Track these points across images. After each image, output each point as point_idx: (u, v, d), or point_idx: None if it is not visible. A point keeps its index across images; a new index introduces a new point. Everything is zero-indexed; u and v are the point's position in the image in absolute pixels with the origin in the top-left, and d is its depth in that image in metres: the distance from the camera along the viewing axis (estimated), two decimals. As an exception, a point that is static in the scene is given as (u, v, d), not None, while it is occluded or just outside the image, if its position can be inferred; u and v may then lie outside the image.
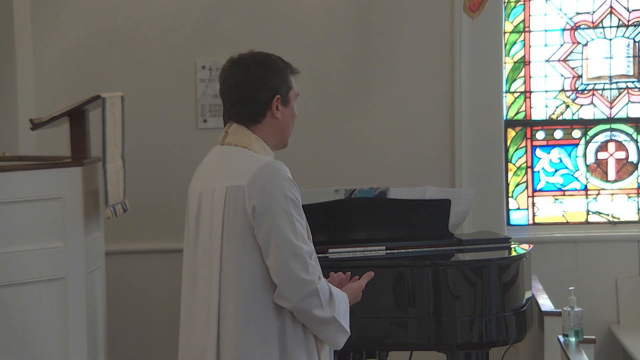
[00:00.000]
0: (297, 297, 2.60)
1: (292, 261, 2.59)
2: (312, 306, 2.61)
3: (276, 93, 2.74)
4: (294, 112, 2.81)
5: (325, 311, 2.64)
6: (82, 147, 4.17)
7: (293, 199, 2.64)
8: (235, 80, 2.74)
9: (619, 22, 5.66)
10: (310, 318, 2.64)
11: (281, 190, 2.62)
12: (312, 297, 2.61)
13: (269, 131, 2.76)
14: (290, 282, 2.59)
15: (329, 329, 2.69)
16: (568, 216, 5.72)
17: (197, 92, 5.50)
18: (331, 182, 4.97)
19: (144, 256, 5.52)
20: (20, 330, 3.93)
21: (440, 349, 4.09)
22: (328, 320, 2.66)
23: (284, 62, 2.80)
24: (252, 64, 2.74)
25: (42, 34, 5.49)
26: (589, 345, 4.08)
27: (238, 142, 2.73)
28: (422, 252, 4.17)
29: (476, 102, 5.50)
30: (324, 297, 2.63)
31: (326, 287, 2.67)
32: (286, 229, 2.60)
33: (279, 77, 2.75)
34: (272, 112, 2.74)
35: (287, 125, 2.79)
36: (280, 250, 2.59)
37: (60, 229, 4.02)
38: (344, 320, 2.72)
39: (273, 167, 2.66)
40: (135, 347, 5.53)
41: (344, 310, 2.72)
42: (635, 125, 5.69)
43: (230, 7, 5.52)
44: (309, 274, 2.60)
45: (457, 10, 5.40)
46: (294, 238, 2.61)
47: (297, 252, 2.60)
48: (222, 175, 2.70)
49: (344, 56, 5.53)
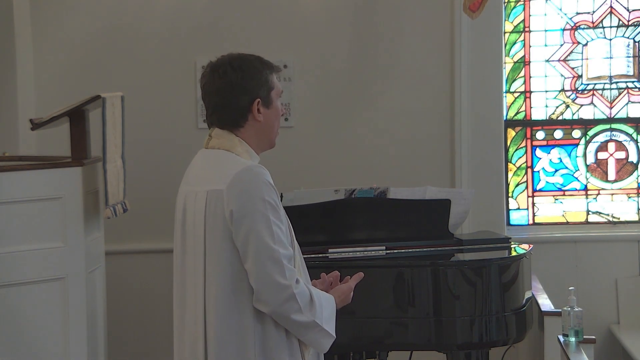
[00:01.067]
0: (274, 301, 2.58)
1: (270, 265, 2.57)
2: (290, 310, 2.59)
3: (255, 97, 2.71)
4: (278, 111, 2.78)
5: (305, 315, 2.62)
6: (82, 147, 4.17)
7: (271, 202, 2.61)
8: (213, 87, 2.72)
9: (619, 22, 5.66)
10: (289, 322, 2.63)
11: (259, 194, 2.60)
12: (290, 302, 2.58)
13: (252, 134, 2.74)
14: (268, 287, 2.58)
15: (311, 333, 2.66)
16: (568, 216, 5.72)
17: (197, 92, 5.49)
18: (331, 182, 4.97)
19: (144, 256, 5.52)
20: (20, 330, 3.93)
21: (440, 349, 4.09)
22: (308, 325, 2.64)
23: (262, 63, 2.76)
24: (228, 70, 2.71)
25: (42, 34, 5.49)
26: (589, 345, 4.08)
27: (221, 146, 2.72)
28: (422, 252, 4.17)
29: (476, 102, 5.50)
30: (302, 302, 2.60)
31: (305, 291, 2.64)
32: (264, 232, 2.58)
33: (257, 80, 2.71)
34: (254, 116, 2.72)
35: (271, 126, 2.77)
36: (257, 254, 2.58)
37: (60, 229, 4.02)
38: (328, 324, 2.69)
39: (252, 171, 2.64)
40: (135, 347, 5.53)
41: (327, 313, 2.70)
42: (635, 125, 5.69)
43: (230, 7, 5.52)
44: (285, 279, 2.58)
45: (457, 10, 5.40)
46: (272, 242, 2.58)
47: (274, 257, 2.58)
48: (204, 180, 2.70)
49: (344, 56, 5.53)
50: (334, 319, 2.73)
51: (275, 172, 2.89)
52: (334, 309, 2.74)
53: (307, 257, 2.94)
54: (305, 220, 4.08)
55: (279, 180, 3.21)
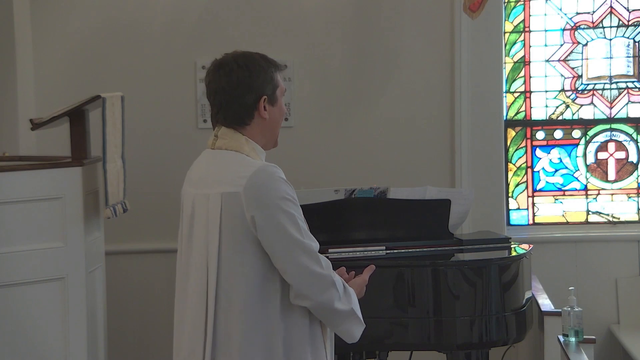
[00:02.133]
0: (316, 292, 2.61)
1: (305, 258, 2.60)
2: (332, 299, 2.63)
3: (262, 94, 2.72)
4: (282, 109, 2.80)
5: (344, 303, 2.66)
6: (82, 147, 4.17)
7: (291, 199, 2.63)
8: (219, 84, 2.72)
9: (619, 22, 5.66)
10: (331, 312, 2.65)
11: (278, 194, 2.61)
12: (331, 290, 2.62)
13: (258, 132, 2.75)
14: (307, 279, 2.60)
15: (348, 322, 2.70)
16: (568, 216, 5.72)
17: (197, 92, 5.50)
18: (331, 182, 4.98)
19: (144, 256, 5.51)
20: (21, 330, 3.93)
21: (440, 349, 4.09)
22: (347, 313, 2.68)
23: (267, 61, 2.76)
24: (234, 67, 2.72)
25: (42, 34, 5.49)
26: (589, 345, 4.08)
27: (229, 146, 2.71)
28: (422, 252, 4.17)
29: (476, 102, 5.50)
30: (340, 290, 2.66)
31: (339, 279, 2.69)
32: (291, 229, 2.60)
33: (263, 78, 2.72)
34: (260, 113, 2.72)
35: (276, 123, 2.78)
36: (289, 251, 2.60)
37: (60, 229, 4.02)
38: (359, 312, 2.74)
39: (266, 171, 2.63)
40: (135, 347, 5.53)
41: (356, 302, 2.75)
42: (635, 125, 5.69)
43: (231, 7, 5.52)
44: (322, 268, 2.62)
45: (457, 10, 5.40)
46: (300, 236, 2.62)
47: (307, 249, 2.61)
48: (216, 182, 2.67)
49: (344, 56, 5.53)
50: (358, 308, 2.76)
51: (275, 172, 2.90)
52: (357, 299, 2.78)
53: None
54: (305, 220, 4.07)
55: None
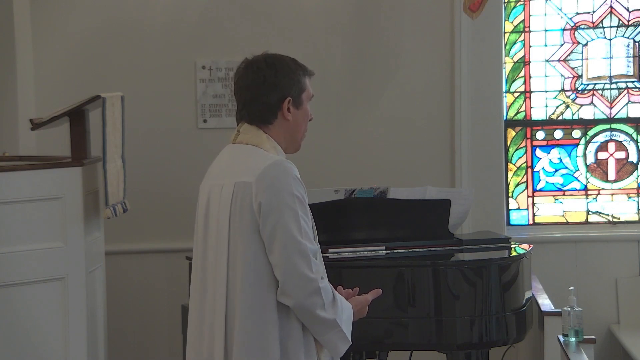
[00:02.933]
0: (300, 294, 2.60)
1: (297, 258, 2.60)
2: (315, 305, 2.62)
3: (286, 95, 2.75)
4: (307, 113, 2.82)
5: (328, 312, 2.64)
6: (82, 147, 4.17)
7: (300, 197, 2.65)
8: (246, 82, 2.76)
9: (619, 22, 5.66)
10: (312, 317, 2.64)
11: (288, 188, 2.63)
12: (315, 296, 2.61)
13: (280, 132, 2.77)
14: (294, 279, 2.60)
15: (330, 334, 2.68)
16: (568, 216, 5.72)
17: (197, 92, 5.50)
18: (331, 182, 4.97)
19: (144, 256, 5.51)
20: (21, 330, 3.93)
21: (440, 349, 4.10)
22: (330, 323, 2.66)
23: (297, 64, 2.80)
24: (263, 66, 2.75)
25: (42, 34, 5.48)
26: (589, 345, 4.08)
27: (249, 141, 2.75)
28: (422, 252, 4.18)
29: (476, 102, 5.50)
30: (326, 298, 2.64)
31: (329, 288, 2.67)
32: (292, 226, 2.61)
33: (290, 79, 2.76)
34: (283, 114, 2.75)
35: (298, 127, 2.80)
36: (284, 247, 2.60)
37: (60, 229, 4.01)
38: (346, 327, 2.71)
39: (282, 166, 2.67)
40: (135, 347, 5.52)
41: (346, 317, 2.72)
42: (635, 125, 5.69)
43: (230, 7, 5.52)
44: (312, 272, 2.61)
45: (457, 10, 5.40)
46: (299, 236, 2.62)
47: (302, 249, 2.61)
48: (232, 173, 2.72)
49: (344, 56, 5.53)
50: (351, 324, 2.75)
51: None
52: (351, 316, 2.77)
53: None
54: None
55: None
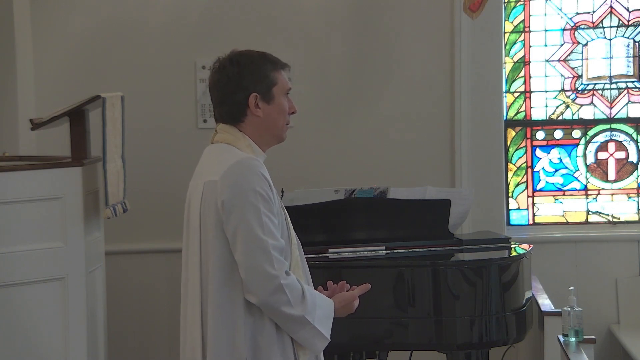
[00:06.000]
0: (263, 291, 2.58)
1: (258, 255, 2.58)
2: (279, 302, 2.59)
3: (251, 91, 2.73)
4: (282, 107, 2.78)
5: (295, 309, 2.61)
6: (82, 147, 4.17)
7: (263, 194, 2.62)
8: (213, 81, 2.78)
9: (619, 22, 5.66)
10: (279, 315, 2.62)
11: (250, 186, 2.62)
12: (278, 293, 2.58)
13: (254, 129, 2.76)
14: (256, 276, 2.58)
15: (303, 331, 2.65)
16: (568, 216, 5.72)
17: (197, 92, 5.50)
18: (331, 182, 4.97)
19: (144, 256, 5.52)
20: (20, 330, 3.93)
21: (440, 349, 4.10)
22: (298, 320, 2.63)
23: (265, 59, 2.78)
24: (227, 64, 2.76)
25: (42, 34, 5.49)
26: (589, 345, 4.08)
27: (224, 140, 2.75)
28: (422, 252, 4.18)
29: (476, 102, 5.50)
30: (291, 294, 2.60)
31: (296, 284, 2.64)
32: (253, 223, 2.59)
33: (254, 75, 2.73)
34: (252, 111, 2.74)
35: (273, 122, 2.77)
36: (246, 245, 2.59)
37: (60, 229, 4.01)
38: (321, 324, 2.68)
39: (246, 163, 2.66)
40: (136, 347, 5.53)
41: (322, 314, 2.69)
42: (635, 125, 5.69)
43: (230, 7, 5.52)
44: (274, 269, 2.58)
45: (457, 10, 5.40)
46: (261, 233, 2.59)
47: (263, 247, 2.59)
48: (204, 172, 2.74)
49: (344, 56, 5.53)
50: (329, 321, 2.72)
51: (275, 172, 2.90)
52: (331, 313, 2.73)
53: (308, 257, 2.94)
54: (305, 220, 4.08)
55: (280, 180, 3.21)
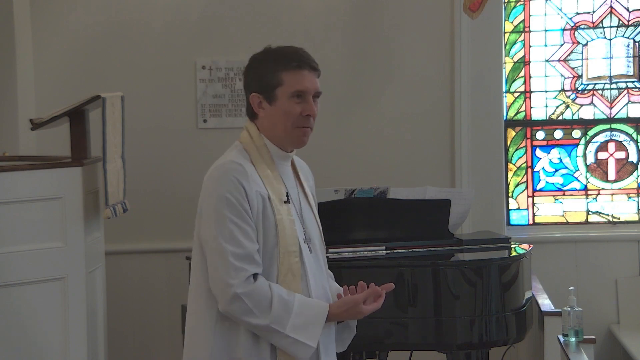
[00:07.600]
0: (222, 301, 2.55)
1: (218, 263, 2.55)
2: (238, 311, 2.52)
3: (252, 91, 2.72)
4: (285, 109, 2.69)
5: (259, 318, 2.53)
6: (82, 147, 4.17)
7: (231, 199, 2.55)
8: None
9: (619, 22, 5.66)
10: (245, 324, 2.56)
11: (219, 191, 2.57)
12: (236, 302, 2.52)
13: (265, 128, 2.72)
14: (216, 284, 2.56)
15: (275, 339, 2.56)
16: (568, 216, 5.72)
17: (197, 92, 5.50)
18: (331, 182, 4.97)
19: (144, 256, 5.51)
20: (21, 330, 3.93)
21: (440, 349, 4.09)
22: (265, 329, 2.54)
23: (277, 58, 2.72)
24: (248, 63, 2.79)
25: (42, 34, 5.49)
26: (589, 345, 4.08)
27: (240, 138, 2.75)
28: (422, 252, 4.17)
29: (476, 102, 5.50)
30: (252, 303, 2.52)
31: (262, 293, 2.54)
32: (216, 230, 2.55)
33: (258, 76, 2.71)
34: (256, 110, 2.73)
35: (274, 124, 2.70)
36: (210, 252, 2.57)
37: (60, 229, 4.02)
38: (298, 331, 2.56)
39: (223, 167, 2.62)
40: (136, 347, 5.53)
41: (299, 321, 2.56)
42: (635, 125, 5.69)
43: (230, 7, 5.52)
44: (231, 277, 2.52)
45: (457, 10, 5.40)
46: (223, 240, 2.54)
47: (223, 255, 2.53)
48: None
49: (344, 56, 5.53)
50: (314, 327, 2.59)
51: (275, 172, 2.89)
52: (317, 319, 2.61)
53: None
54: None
55: (279, 180, 3.21)
